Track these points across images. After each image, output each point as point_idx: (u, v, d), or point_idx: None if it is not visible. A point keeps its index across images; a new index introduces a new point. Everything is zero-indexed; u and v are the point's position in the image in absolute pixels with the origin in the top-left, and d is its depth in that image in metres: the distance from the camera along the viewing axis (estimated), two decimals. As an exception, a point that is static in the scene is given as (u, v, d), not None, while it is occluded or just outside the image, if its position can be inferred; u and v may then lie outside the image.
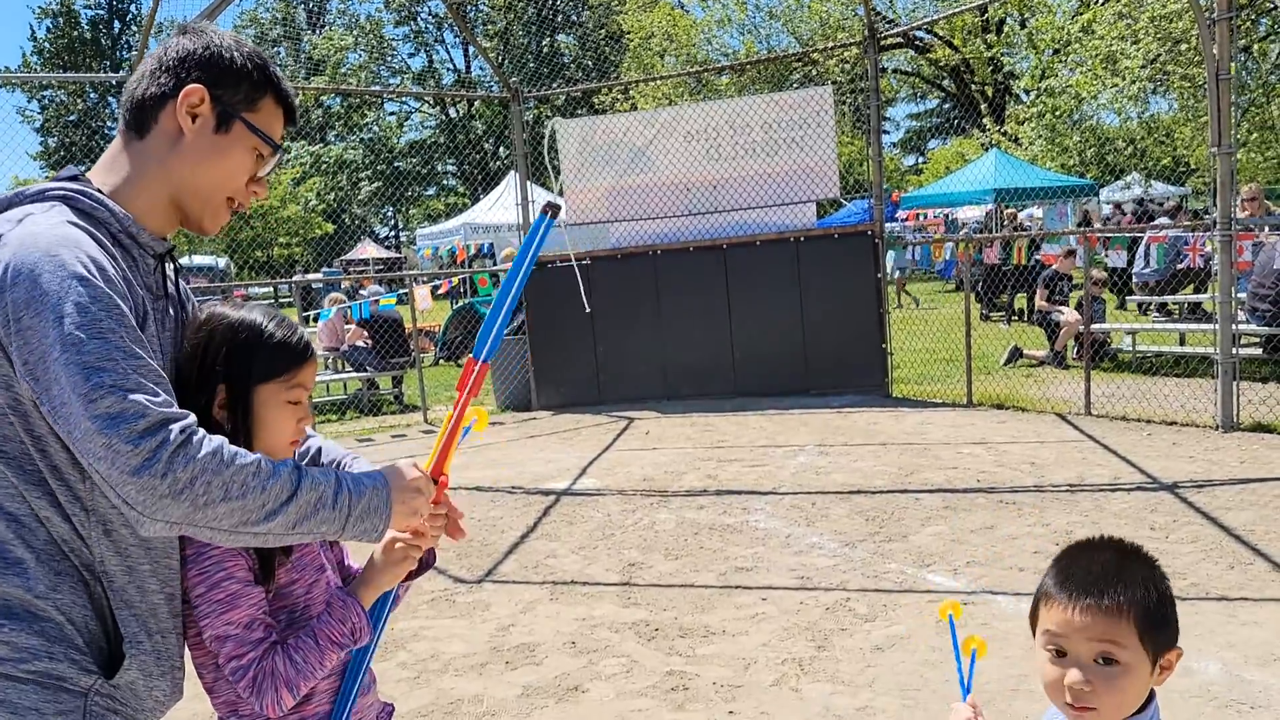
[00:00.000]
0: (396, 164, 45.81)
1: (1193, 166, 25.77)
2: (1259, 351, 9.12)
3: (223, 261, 32.16)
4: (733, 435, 8.36)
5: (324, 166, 43.63)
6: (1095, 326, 9.84)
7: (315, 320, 12.05)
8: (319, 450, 1.90)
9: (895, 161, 54.51)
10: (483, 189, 31.39)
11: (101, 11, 53.37)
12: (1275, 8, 19.88)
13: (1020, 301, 16.16)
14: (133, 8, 54.23)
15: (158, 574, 1.56)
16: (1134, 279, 11.03)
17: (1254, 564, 4.57)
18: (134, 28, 54.33)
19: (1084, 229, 11.79)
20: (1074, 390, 8.53)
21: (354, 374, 11.47)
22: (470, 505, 6.64)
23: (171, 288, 1.66)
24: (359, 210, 45.35)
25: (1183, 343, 10.28)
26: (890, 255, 15.27)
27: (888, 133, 61.25)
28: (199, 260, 31.46)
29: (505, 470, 7.65)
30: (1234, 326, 7.28)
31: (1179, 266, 9.97)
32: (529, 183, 11.22)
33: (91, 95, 46.92)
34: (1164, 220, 15.16)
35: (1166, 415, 7.71)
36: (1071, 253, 11.01)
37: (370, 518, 1.51)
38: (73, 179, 1.56)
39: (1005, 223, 17.76)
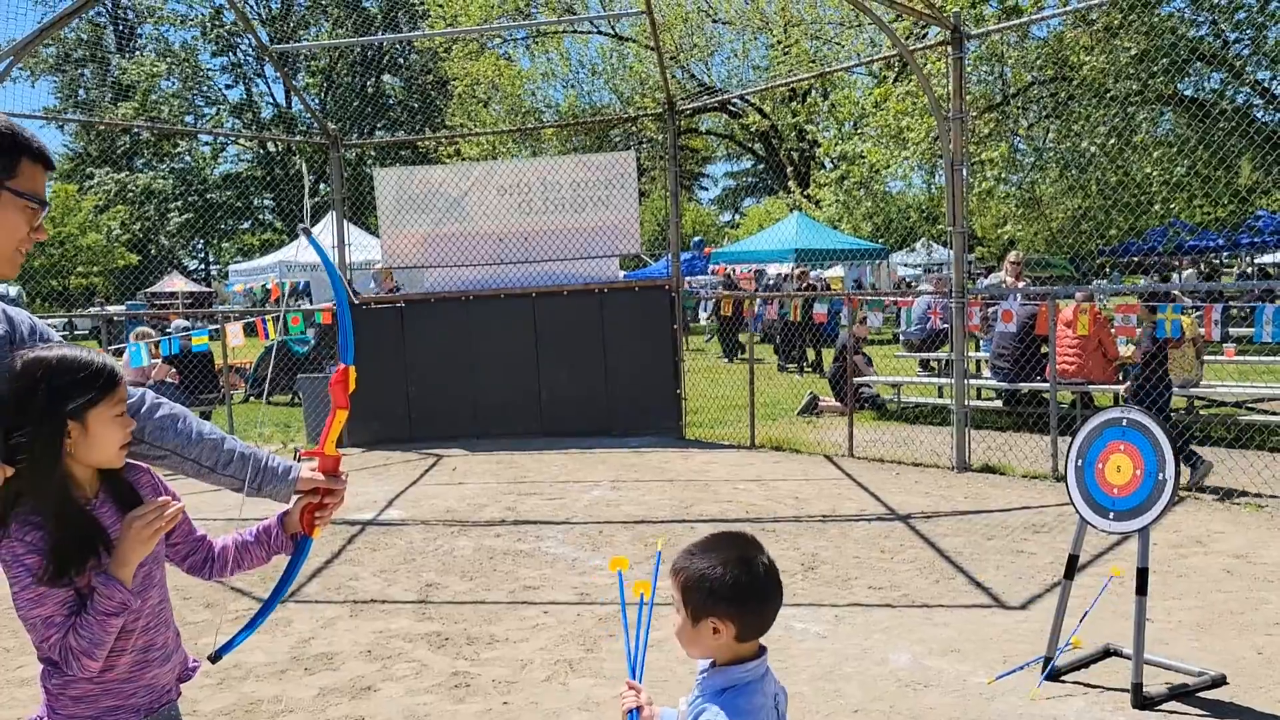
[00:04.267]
0: (209, 196, 44.45)
1: (978, 235, 28.33)
2: (999, 404, 10.41)
3: (14, 290, 30.44)
4: (535, 472, 8.92)
5: (130, 195, 41.92)
6: (862, 379, 10.96)
7: (120, 355, 11.89)
8: (165, 410, 2.24)
9: (712, 217, 56.90)
10: (300, 225, 30.94)
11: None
12: (1044, 95, 22.19)
13: (812, 354, 17.50)
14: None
15: None
16: (900, 338, 12.31)
17: (955, 579, 5.48)
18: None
19: (850, 292, 13.00)
20: (843, 435, 9.53)
21: (159, 409, 11.39)
22: (276, 535, 6.94)
23: None
24: (167, 242, 43.67)
25: (941, 395, 11.56)
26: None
27: (705, 189, 63.84)
28: (-14, 287, 29.66)
29: (313, 503, 7.94)
30: (966, 381, 8.40)
31: (930, 327, 11.26)
32: (347, 224, 11.55)
33: None
34: (925, 288, 16.81)
35: (915, 458, 8.78)
36: (864, 320, 12.20)
37: None
38: None
39: (795, 281, 19.13)
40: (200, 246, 48.73)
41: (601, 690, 4.17)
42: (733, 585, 1.91)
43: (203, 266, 48.74)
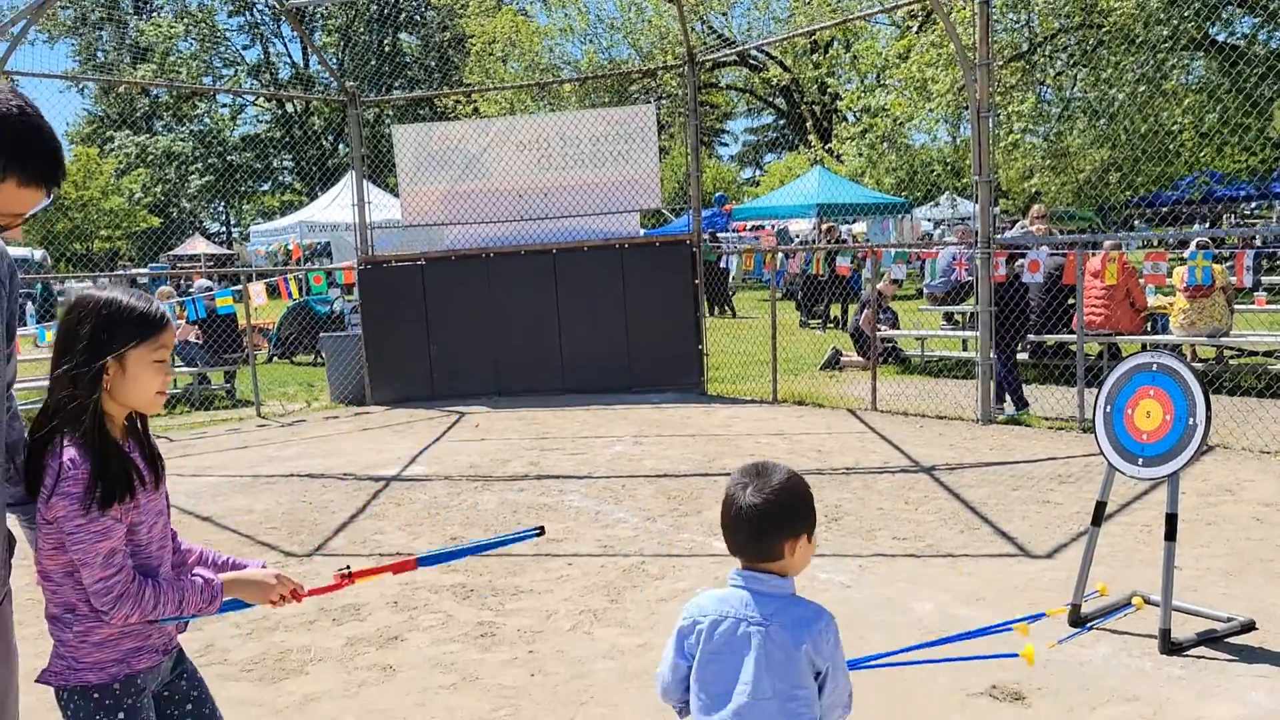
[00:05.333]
0: (229, 158, 44.47)
1: (1003, 189, 27.96)
2: (1024, 356, 10.29)
3: (38, 254, 30.67)
4: (557, 428, 8.93)
5: (150, 158, 42.00)
6: (888, 333, 10.88)
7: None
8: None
9: (733, 174, 56.41)
10: (320, 186, 30.98)
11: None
12: (1069, 43, 21.79)
13: (835, 310, 17.39)
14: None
15: None
16: (924, 291, 12.20)
17: (980, 529, 5.45)
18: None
19: (870, 244, 12.88)
20: (867, 389, 9.47)
21: (185, 369, 11.47)
22: (302, 490, 7.00)
23: None
24: (188, 204, 43.79)
25: (965, 348, 11.46)
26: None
27: (726, 145, 63.22)
28: (13, 253, 29.86)
29: (338, 459, 8.01)
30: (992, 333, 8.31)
31: (954, 279, 11.12)
32: (366, 183, 11.51)
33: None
34: (949, 239, 16.66)
35: (940, 411, 8.72)
36: (896, 281, 12.09)
37: None
38: None
39: (823, 236, 18.96)
40: (221, 209, 48.88)
41: (626, 639, 4.18)
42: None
43: (224, 229, 48.91)
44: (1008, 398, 8.42)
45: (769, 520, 1.96)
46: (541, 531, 2.38)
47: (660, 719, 3.50)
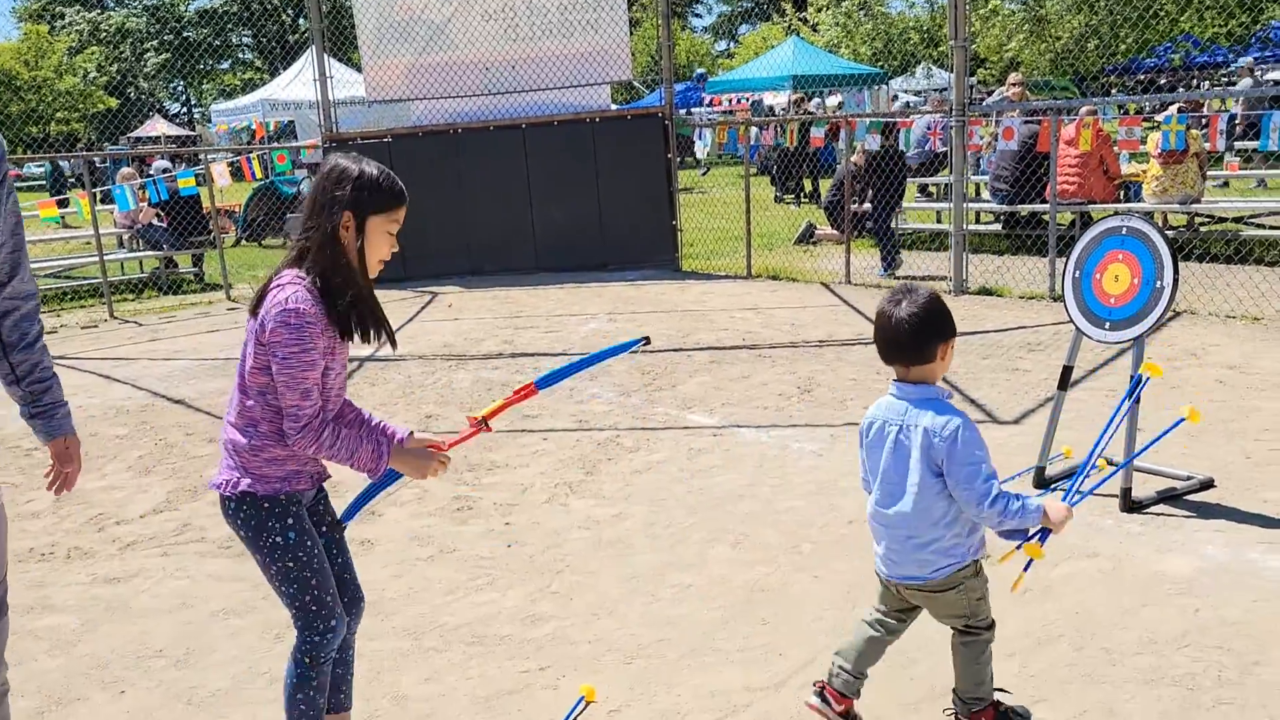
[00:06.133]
0: (185, 34, 42.92)
1: (980, 57, 27.48)
2: (998, 227, 10.30)
3: (-7, 137, 29.77)
4: (531, 306, 8.90)
5: (103, 35, 40.48)
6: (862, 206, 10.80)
7: (105, 200, 11.67)
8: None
9: (706, 46, 55.01)
10: (281, 63, 30.02)
11: None
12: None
13: (809, 184, 17.22)
14: None
15: None
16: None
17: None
18: None
19: (843, 114, 12.70)
20: (840, 263, 9.46)
21: (150, 253, 11.29)
22: (275, 372, 6.99)
23: None
24: (146, 84, 42.42)
25: (939, 220, 11.42)
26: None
27: (699, 16, 61.56)
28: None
29: (310, 341, 7.97)
30: (965, 204, 8.27)
31: (929, 149, 11.02)
32: (328, 57, 11.14)
33: None
34: (925, 109, 16.45)
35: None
36: (865, 150, 11.92)
37: None
38: None
39: (795, 108, 18.61)
40: (181, 88, 47.43)
41: (601, 510, 4.25)
42: None
43: (185, 109, 47.56)
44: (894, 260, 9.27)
45: (926, 325, 2.36)
46: (648, 341, 2.79)
47: (633, 586, 3.59)
